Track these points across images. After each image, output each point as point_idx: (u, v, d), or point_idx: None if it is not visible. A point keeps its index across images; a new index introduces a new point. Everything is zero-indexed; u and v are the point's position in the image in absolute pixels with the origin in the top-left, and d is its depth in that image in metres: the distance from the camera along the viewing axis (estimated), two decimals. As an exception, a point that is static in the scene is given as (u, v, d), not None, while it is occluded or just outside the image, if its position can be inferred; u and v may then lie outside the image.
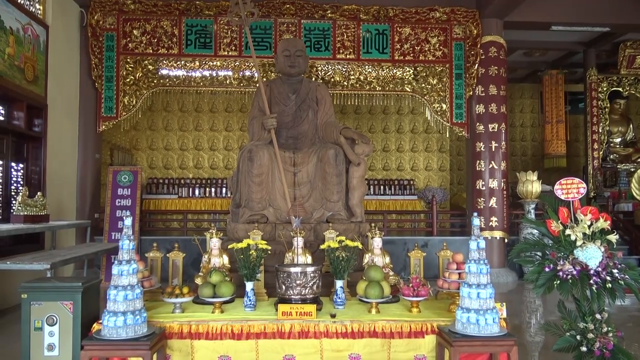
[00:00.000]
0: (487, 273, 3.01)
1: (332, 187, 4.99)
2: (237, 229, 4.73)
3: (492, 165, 8.18)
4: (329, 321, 3.20)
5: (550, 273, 3.24)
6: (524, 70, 13.52)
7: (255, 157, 4.92)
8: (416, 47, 8.33)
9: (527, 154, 14.32)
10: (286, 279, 3.36)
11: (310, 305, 3.26)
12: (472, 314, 2.95)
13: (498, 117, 8.24)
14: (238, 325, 3.17)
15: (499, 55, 8.28)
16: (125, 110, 7.97)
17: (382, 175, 11.60)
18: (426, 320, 3.24)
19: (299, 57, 5.47)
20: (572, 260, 3.23)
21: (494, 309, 3.00)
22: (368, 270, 3.52)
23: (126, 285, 2.89)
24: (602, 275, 3.17)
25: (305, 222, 4.92)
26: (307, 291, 3.35)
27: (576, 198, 3.39)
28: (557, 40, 10.90)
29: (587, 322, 3.21)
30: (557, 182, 3.44)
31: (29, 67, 6.19)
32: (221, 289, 3.37)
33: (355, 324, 3.20)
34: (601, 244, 3.26)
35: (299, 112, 5.48)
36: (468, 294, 2.98)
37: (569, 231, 3.26)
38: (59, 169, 7.05)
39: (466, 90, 8.34)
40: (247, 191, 4.97)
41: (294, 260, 4.01)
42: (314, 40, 8.21)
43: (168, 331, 3.14)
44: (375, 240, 4.07)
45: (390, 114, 11.85)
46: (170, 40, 8.04)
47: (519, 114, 14.39)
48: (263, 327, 3.17)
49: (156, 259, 3.95)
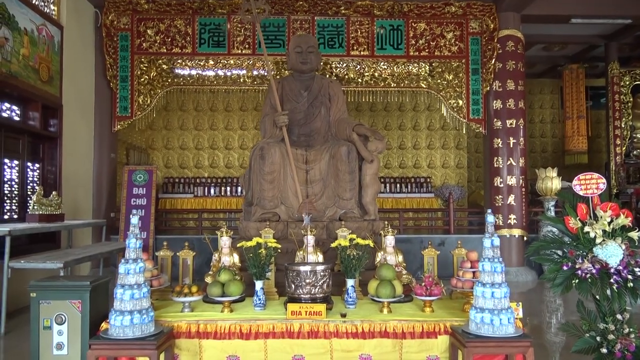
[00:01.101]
0: (502, 272, 2.91)
1: (344, 184, 4.92)
2: (248, 228, 4.69)
3: (511, 162, 8.01)
4: (339, 321, 3.14)
5: (569, 271, 3.13)
6: (543, 65, 13.25)
7: (266, 154, 4.87)
8: (431, 43, 8.20)
9: (547, 150, 14.05)
10: (295, 278, 3.30)
11: (320, 304, 3.20)
12: (487, 313, 2.85)
13: (516, 113, 8.06)
14: (247, 324, 3.12)
15: (517, 49, 8.10)
16: (140, 110, 8.00)
17: (399, 172, 11.47)
18: (439, 320, 3.15)
19: (311, 53, 5.40)
20: (592, 259, 3.11)
21: (509, 308, 2.90)
22: (380, 269, 3.44)
23: (133, 284, 2.86)
24: (623, 274, 3.04)
25: (317, 220, 4.87)
26: (317, 290, 3.28)
27: (595, 194, 3.27)
28: (577, 34, 10.64)
29: (607, 323, 3.09)
30: (576, 177, 3.31)
31: (44, 67, 6.24)
32: (230, 288, 3.32)
33: (366, 324, 3.12)
34: (622, 241, 3.13)
35: (311, 109, 5.42)
36: (482, 293, 2.89)
37: (587, 228, 3.14)
38: (74, 169, 7.10)
39: (483, 85, 8.18)
40: (259, 189, 4.92)
41: (305, 258, 3.95)
42: (327, 37, 8.13)
43: (176, 330, 3.11)
44: (387, 238, 3.99)
45: (406, 110, 11.71)
46: (184, 39, 8.05)
47: (538, 110, 14.12)
48: (272, 326, 3.11)
49: (166, 257, 3.92)
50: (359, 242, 3.53)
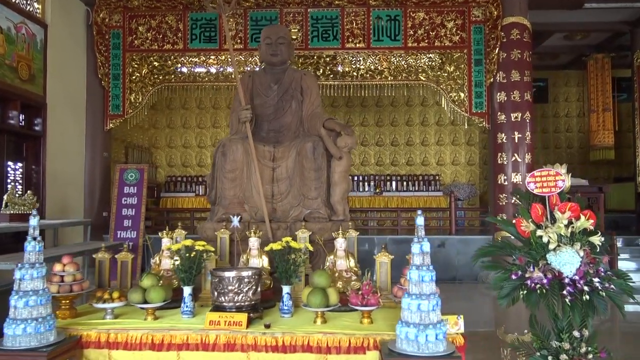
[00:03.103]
0: (431, 281, 2.57)
1: (309, 182, 4.62)
2: (205, 229, 4.47)
3: (516, 158, 7.50)
4: (258, 333, 2.86)
5: (517, 281, 2.74)
6: (567, 55, 12.54)
7: (228, 151, 4.63)
8: (431, 33, 7.78)
9: (573, 146, 13.33)
10: (218, 285, 3.04)
11: (242, 314, 2.93)
12: (412, 329, 2.52)
13: (521, 105, 7.54)
14: (159, 335, 2.88)
15: (522, 37, 7.57)
16: (132, 108, 7.91)
17: (406, 170, 11.03)
18: (369, 334, 2.82)
19: (282, 44, 5.12)
20: (544, 267, 2.72)
21: (440, 323, 2.55)
22: (312, 276, 3.14)
23: (29, 290, 2.67)
24: (578, 285, 2.64)
25: (280, 221, 4.62)
26: (241, 298, 3.01)
27: (554, 193, 2.87)
28: (599, 21, 9.93)
29: (562, 341, 2.69)
30: (530, 174, 2.92)
31: (23, 65, 6.20)
32: (150, 295, 3.10)
33: (288, 337, 2.83)
34: (581, 247, 2.73)
35: (281, 103, 5.14)
36: (408, 306, 2.56)
37: (540, 232, 2.75)
38: (62, 168, 7.06)
39: (486, 77, 7.70)
40: (220, 188, 4.69)
41: (249, 262, 3.70)
42: (321, 29, 7.83)
43: (85, 340, 2.90)
44: (338, 240, 3.68)
45: (413, 105, 11.25)
46: (175, 36, 7.91)
47: (563, 103, 13.42)
48: (186, 337, 2.87)
49: (105, 260, 3.74)
50: (293, 246, 3.23)
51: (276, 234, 4.57)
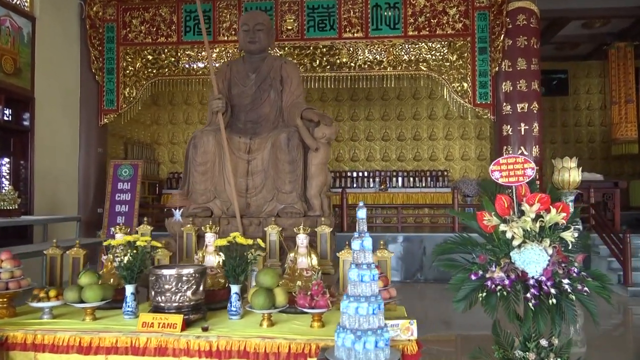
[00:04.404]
0: (372, 281, 2.28)
1: (284, 176, 4.36)
2: (171, 224, 4.25)
3: (522, 151, 7.08)
4: (192, 336, 2.61)
5: (477, 282, 2.43)
6: (588, 45, 11.95)
7: (199, 143, 4.41)
8: (432, 21, 7.40)
9: (595, 140, 12.72)
10: (155, 284, 2.81)
11: (177, 315, 2.69)
12: (349, 335, 2.23)
13: (528, 95, 7.11)
14: (87, 337, 2.67)
15: (530, 23, 7.14)
16: (126, 102, 7.78)
17: (413, 166, 10.63)
18: (312, 340, 2.55)
19: (260, 31, 4.87)
20: (507, 266, 2.40)
21: (382, 329, 2.26)
22: (258, 274, 2.88)
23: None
24: (545, 287, 2.31)
25: (253, 217, 4.38)
26: (179, 298, 2.77)
27: (522, 182, 2.54)
28: (619, 6, 9.38)
29: (527, 350, 2.37)
30: (494, 161, 2.59)
31: (8, 59, 6.10)
32: (86, 293, 2.88)
33: (223, 341, 2.58)
34: (551, 244, 2.40)
35: (259, 92, 4.88)
36: (346, 309, 2.27)
37: (503, 226, 2.43)
38: (52, 164, 6.96)
39: (491, 66, 7.29)
40: (192, 181, 4.47)
41: (204, 260, 3.46)
42: (317, 19, 7.55)
43: (11, 341, 2.71)
44: (299, 237, 3.40)
45: (421, 98, 10.83)
46: (169, 28, 7.74)
47: (584, 96, 12.83)
48: (115, 340, 2.64)
49: (56, 256, 3.55)
50: (240, 242, 2.97)
51: (248, 230, 4.33)
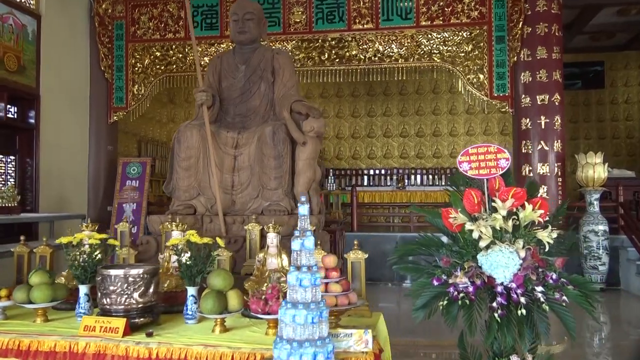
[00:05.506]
0: (313, 286, 2.01)
1: (269, 171, 4.15)
2: (151, 222, 4.10)
3: (542, 146, 6.62)
4: (132, 342, 2.41)
5: (440, 288, 2.14)
6: (625, 34, 11.24)
7: (182, 137, 4.25)
8: (446, 9, 7.03)
9: (634, 136, 11.99)
10: (101, 285, 2.62)
11: (119, 319, 2.50)
12: (286, 345, 1.98)
13: (549, 86, 6.64)
14: (26, 340, 2.50)
15: (551, 9, 6.67)
16: (135, 100, 7.74)
17: (432, 163, 10.22)
18: (258, 349, 2.30)
19: (249, 20, 4.66)
20: (473, 271, 2.10)
21: (324, 340, 1.99)
22: (209, 276, 2.66)
23: None
24: (514, 295, 2.00)
25: (237, 214, 4.18)
26: (124, 300, 2.58)
27: (494, 175, 2.23)
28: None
29: (495, 368, 2.06)
30: (463, 151, 2.29)
31: (11, 57, 6.11)
32: (34, 293, 2.73)
33: (164, 348, 2.37)
34: (525, 245, 2.08)
35: (249, 85, 4.68)
36: (283, 316, 2.02)
37: (470, 225, 2.13)
38: (58, 161, 6.96)
39: (509, 55, 6.86)
40: (175, 178, 4.31)
41: (170, 260, 3.27)
42: (326, 10, 7.29)
43: (-50, 343, 2.57)
44: (269, 235, 3.16)
45: (440, 93, 10.39)
46: (177, 24, 7.65)
47: (622, 89, 12.11)
48: (54, 344, 2.47)
49: (23, 254, 3.44)
50: (194, 241, 2.75)
51: (231, 228, 4.13)
